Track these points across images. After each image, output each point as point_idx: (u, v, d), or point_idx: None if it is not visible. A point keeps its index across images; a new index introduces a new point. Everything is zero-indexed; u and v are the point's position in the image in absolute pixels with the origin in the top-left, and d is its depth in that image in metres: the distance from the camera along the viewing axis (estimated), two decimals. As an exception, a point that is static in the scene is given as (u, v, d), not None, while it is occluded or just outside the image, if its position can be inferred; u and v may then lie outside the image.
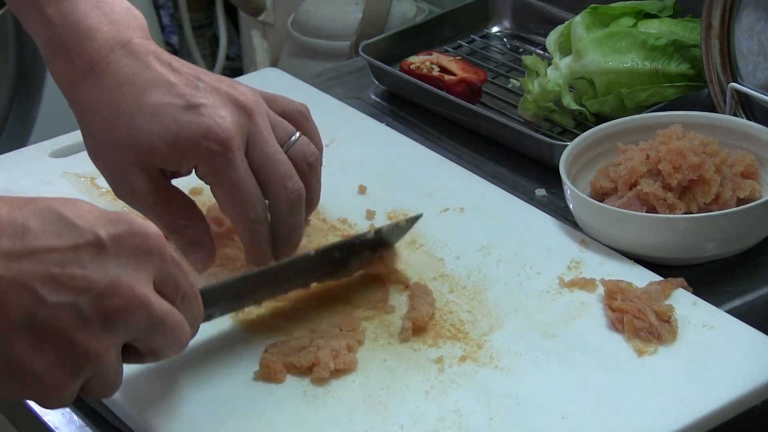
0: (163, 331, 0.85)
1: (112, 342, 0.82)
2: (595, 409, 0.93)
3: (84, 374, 0.82)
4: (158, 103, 1.01)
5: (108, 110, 1.02)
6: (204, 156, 1.00)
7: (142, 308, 0.82)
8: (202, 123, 1.00)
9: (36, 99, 1.86)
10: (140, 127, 1.00)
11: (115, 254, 0.81)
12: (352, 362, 0.98)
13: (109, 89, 1.02)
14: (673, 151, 1.09)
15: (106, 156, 1.03)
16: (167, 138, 1.00)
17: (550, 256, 1.10)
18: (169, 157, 1.01)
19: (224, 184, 1.01)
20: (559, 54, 1.30)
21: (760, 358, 0.97)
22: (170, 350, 0.87)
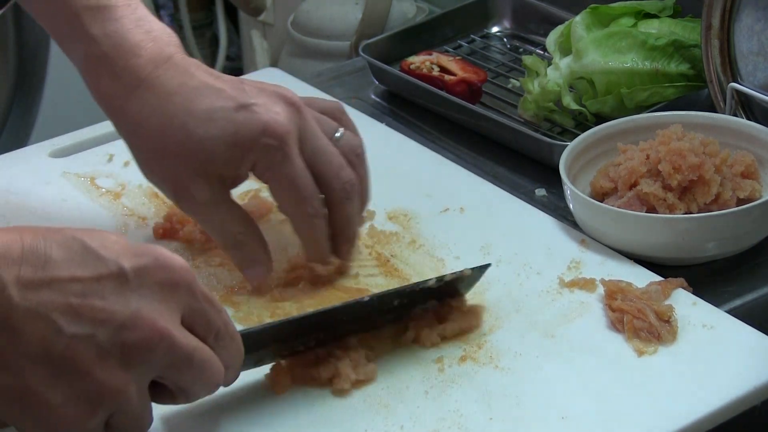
0: (190, 367, 0.82)
1: (132, 377, 0.80)
2: (595, 409, 0.93)
3: (103, 410, 0.80)
4: (211, 107, 1.02)
5: (160, 122, 1.03)
6: (263, 152, 1.01)
7: (163, 342, 0.80)
8: (259, 120, 1.01)
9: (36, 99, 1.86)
10: (197, 135, 1.01)
11: (138, 286, 0.80)
12: (372, 372, 0.97)
13: (158, 102, 1.03)
14: (673, 151, 1.09)
15: (164, 169, 1.04)
16: (226, 140, 1.01)
17: (550, 256, 1.10)
18: (229, 160, 1.02)
19: (283, 179, 1.02)
20: (559, 54, 1.30)
21: (760, 358, 0.97)
22: (201, 389, 0.85)
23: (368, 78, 1.42)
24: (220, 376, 0.86)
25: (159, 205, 1.19)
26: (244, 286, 1.08)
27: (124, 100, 1.04)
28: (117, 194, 1.21)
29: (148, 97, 1.03)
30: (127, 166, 1.26)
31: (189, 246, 1.14)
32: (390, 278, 1.08)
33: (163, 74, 1.04)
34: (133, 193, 1.22)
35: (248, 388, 0.97)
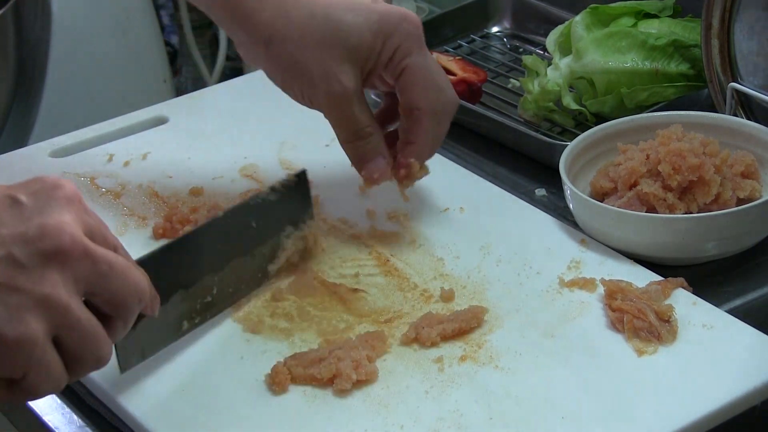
0: (113, 272, 0.83)
1: (57, 281, 0.80)
2: (595, 409, 0.93)
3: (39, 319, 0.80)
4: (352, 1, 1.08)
5: (302, 13, 1.07)
6: (404, 37, 1.08)
7: (77, 245, 0.81)
8: (397, 10, 1.09)
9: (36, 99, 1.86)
10: (344, 22, 1.07)
11: (35, 206, 0.82)
12: (373, 372, 0.97)
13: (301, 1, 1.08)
14: (673, 152, 1.09)
15: (309, 59, 1.07)
16: (371, 27, 1.07)
17: (550, 256, 1.10)
18: (373, 46, 1.08)
19: (421, 68, 1.09)
20: (559, 54, 1.30)
21: (760, 358, 0.97)
22: (132, 298, 0.85)
23: (368, 78, 1.41)
24: (145, 283, 0.86)
25: (159, 205, 1.20)
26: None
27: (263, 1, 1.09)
28: (117, 194, 1.22)
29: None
30: (127, 166, 1.26)
31: (189, 246, 1.14)
32: (390, 278, 1.08)
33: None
34: (133, 193, 1.22)
35: (248, 388, 0.97)
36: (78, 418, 0.99)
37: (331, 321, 1.04)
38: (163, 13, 2.61)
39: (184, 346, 1.01)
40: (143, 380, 0.98)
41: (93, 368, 0.84)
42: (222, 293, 1.03)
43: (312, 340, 1.01)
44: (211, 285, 1.02)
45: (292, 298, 1.06)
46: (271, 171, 1.23)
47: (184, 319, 1.00)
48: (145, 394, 0.97)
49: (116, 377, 0.97)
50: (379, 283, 1.08)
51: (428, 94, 1.09)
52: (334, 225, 1.16)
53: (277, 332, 1.03)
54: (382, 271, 1.09)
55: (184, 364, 1.00)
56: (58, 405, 1.00)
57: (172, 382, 0.98)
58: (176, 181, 1.23)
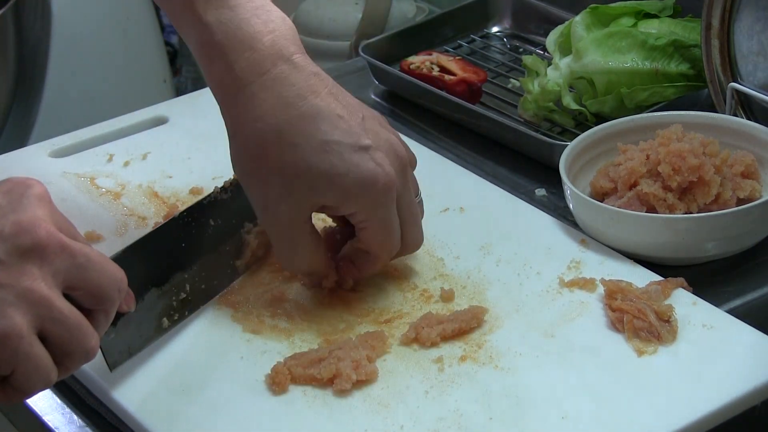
0: (91, 264, 0.83)
1: (36, 275, 0.81)
2: (595, 409, 0.93)
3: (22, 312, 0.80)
4: (327, 140, 0.99)
5: (270, 131, 0.99)
6: (368, 202, 1.00)
7: (53, 239, 0.82)
8: (371, 169, 1.00)
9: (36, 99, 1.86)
10: (307, 161, 0.99)
11: (8, 203, 0.82)
12: (373, 372, 0.97)
13: (272, 108, 0.99)
14: (673, 153, 1.09)
15: (258, 178, 1.01)
16: (334, 178, 0.99)
17: (550, 256, 1.10)
18: (329, 197, 1.00)
19: (378, 227, 1.02)
20: (559, 54, 1.30)
21: (760, 358, 0.97)
22: (111, 289, 0.85)
23: (368, 78, 1.42)
24: (123, 273, 0.86)
25: (159, 205, 1.19)
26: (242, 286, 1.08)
27: (235, 94, 1.00)
28: (117, 194, 1.21)
29: (263, 98, 1.00)
30: (127, 166, 1.26)
31: (189, 246, 1.14)
32: (390, 278, 1.08)
33: (280, 76, 1.00)
34: (133, 193, 1.22)
35: (248, 388, 0.97)
36: (78, 418, 0.99)
37: (331, 321, 1.04)
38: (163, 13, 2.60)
39: (184, 347, 1.01)
40: (143, 380, 0.98)
41: (82, 361, 0.84)
42: (196, 290, 1.04)
43: (312, 340, 1.01)
44: (182, 282, 1.03)
45: (293, 298, 1.06)
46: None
47: (164, 317, 1.01)
48: (145, 393, 0.97)
49: (116, 378, 0.97)
50: (379, 283, 1.08)
51: (380, 245, 1.04)
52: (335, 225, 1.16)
53: (277, 332, 1.03)
54: (382, 271, 1.09)
55: (185, 364, 1.00)
56: (58, 405, 1.00)
57: (172, 382, 0.98)
58: (176, 181, 1.23)
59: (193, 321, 1.04)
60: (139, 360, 1.00)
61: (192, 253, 1.05)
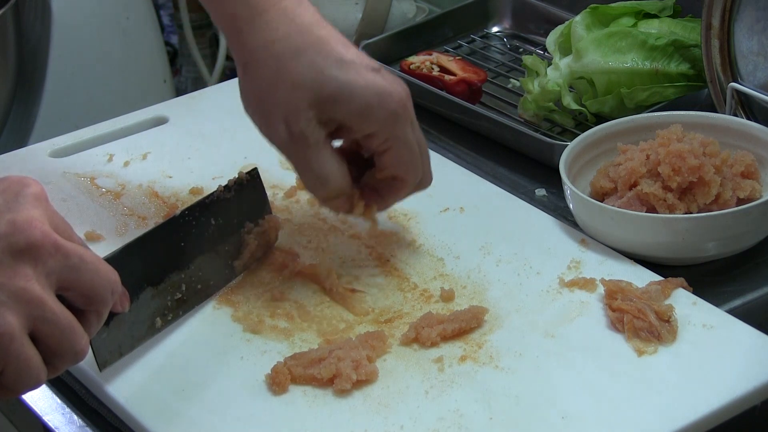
0: (85, 265, 0.83)
1: (30, 274, 0.81)
2: (595, 409, 0.93)
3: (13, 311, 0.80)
4: (343, 57, 1.02)
5: (289, 51, 1.01)
6: (388, 117, 1.02)
7: (47, 239, 0.82)
8: (387, 85, 1.02)
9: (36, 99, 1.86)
10: (327, 73, 1.01)
11: (4, 202, 0.83)
12: (373, 372, 0.97)
13: (287, 32, 1.02)
14: (673, 153, 1.09)
15: (277, 99, 1.01)
16: (354, 89, 1.01)
17: (550, 256, 1.10)
18: (351, 110, 1.01)
19: (401, 147, 1.03)
20: (559, 54, 1.30)
21: (760, 358, 0.97)
22: (104, 290, 0.85)
23: (368, 78, 1.41)
24: (116, 275, 0.86)
25: (159, 205, 1.20)
26: (242, 285, 1.08)
27: (249, 22, 1.03)
28: (117, 194, 1.21)
29: (277, 24, 1.02)
30: (127, 166, 1.26)
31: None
32: (390, 278, 1.08)
33: (292, 5, 1.03)
34: (133, 193, 1.22)
35: (248, 388, 0.97)
36: (78, 418, 0.99)
37: (331, 321, 1.04)
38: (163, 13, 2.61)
39: (184, 347, 1.01)
40: (143, 380, 0.98)
41: (71, 362, 0.85)
42: (191, 290, 1.05)
43: (312, 340, 1.01)
44: (178, 281, 1.03)
45: (293, 298, 1.06)
46: (270, 171, 1.23)
47: (157, 316, 1.01)
48: (145, 393, 0.97)
49: (116, 378, 0.97)
50: (379, 283, 1.08)
51: (412, 168, 1.05)
52: (334, 225, 1.16)
53: (277, 332, 1.03)
54: (383, 271, 1.09)
55: (185, 364, 1.00)
56: (58, 405, 1.00)
57: (172, 382, 0.98)
58: (176, 181, 1.23)
59: (193, 321, 1.04)
60: (139, 360, 1.00)
61: (190, 253, 1.05)
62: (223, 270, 1.08)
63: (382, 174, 1.06)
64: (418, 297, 1.06)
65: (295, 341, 1.02)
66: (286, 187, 1.21)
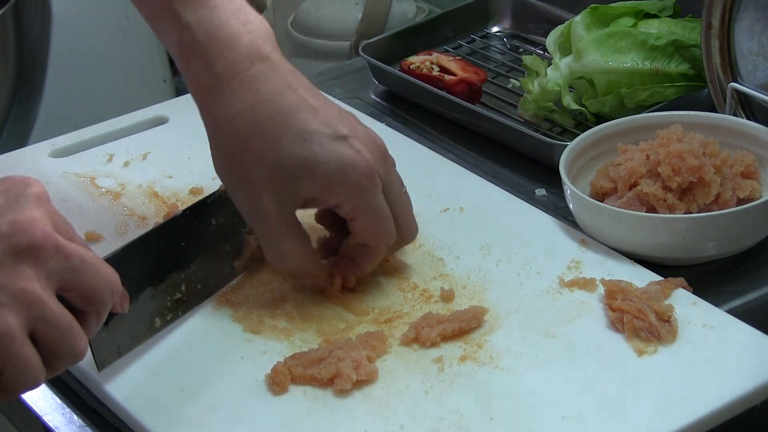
0: (86, 266, 0.83)
1: (31, 275, 0.81)
2: (595, 409, 0.93)
3: (14, 312, 0.80)
4: (307, 129, 1.00)
5: (251, 127, 1.01)
6: (352, 189, 1.01)
7: (49, 240, 0.82)
8: (351, 155, 1.01)
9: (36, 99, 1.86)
10: (288, 151, 1.00)
11: (6, 202, 0.82)
12: (373, 372, 0.97)
13: (250, 104, 1.01)
14: (672, 154, 1.09)
15: (242, 174, 1.02)
16: (317, 166, 1.00)
17: (550, 256, 1.10)
18: (313, 186, 1.01)
19: (370, 215, 1.02)
20: (559, 54, 1.30)
21: (760, 358, 0.97)
22: (104, 291, 0.85)
23: (368, 78, 1.42)
24: (116, 276, 0.86)
25: (159, 205, 1.19)
26: (242, 285, 1.08)
27: (213, 92, 1.02)
28: (117, 194, 1.21)
29: (241, 96, 1.01)
30: (127, 166, 1.26)
31: (189, 246, 1.14)
32: (390, 278, 1.08)
33: (258, 74, 1.01)
34: (133, 193, 1.22)
35: (248, 388, 0.97)
36: (78, 418, 0.99)
37: (331, 321, 1.04)
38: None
39: (184, 347, 1.01)
40: (143, 380, 0.98)
41: (70, 363, 0.85)
42: (191, 290, 1.04)
43: (312, 340, 1.01)
44: (178, 281, 1.03)
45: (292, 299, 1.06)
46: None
47: (156, 316, 1.01)
48: (145, 393, 0.97)
49: (116, 378, 0.97)
50: (379, 283, 1.08)
51: (377, 234, 1.04)
52: (334, 225, 1.16)
53: (277, 332, 1.03)
54: (383, 271, 1.09)
55: (185, 364, 1.00)
56: (58, 405, 1.00)
57: (172, 382, 0.98)
58: (176, 181, 1.23)
59: (193, 321, 1.04)
60: (138, 360, 1.00)
61: (190, 253, 1.05)
62: (223, 270, 1.08)
63: (354, 240, 1.05)
64: (418, 297, 1.06)
65: (295, 341, 1.02)
66: (286, 187, 1.21)
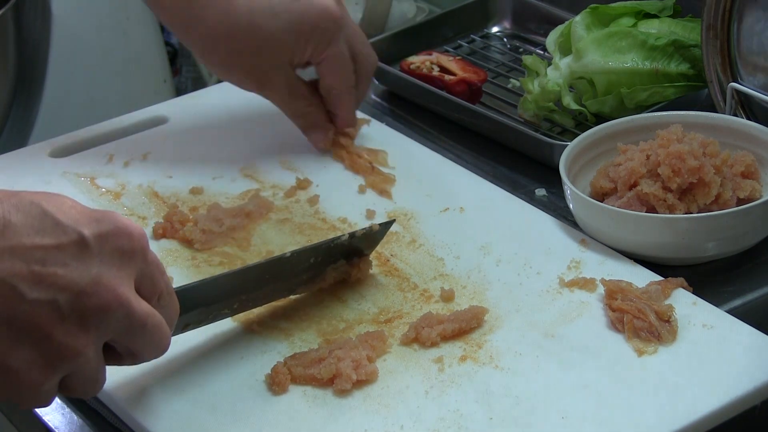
0: (143, 333, 0.84)
1: (90, 340, 0.81)
2: (595, 409, 0.93)
3: (60, 371, 0.81)
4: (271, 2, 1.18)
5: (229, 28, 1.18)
6: (322, 34, 1.19)
7: (121, 308, 0.82)
8: (316, 6, 1.19)
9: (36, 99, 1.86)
10: (266, 30, 1.18)
11: (99, 253, 0.81)
12: (373, 372, 0.97)
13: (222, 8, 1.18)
14: (672, 154, 1.09)
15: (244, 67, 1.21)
16: (292, 29, 1.18)
17: (550, 256, 1.10)
18: (296, 47, 1.19)
19: (335, 56, 1.21)
20: (559, 54, 1.30)
21: (760, 358, 0.97)
22: (150, 353, 0.87)
23: (368, 78, 1.41)
24: (167, 340, 0.87)
25: (159, 205, 1.20)
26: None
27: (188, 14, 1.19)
28: (117, 194, 1.21)
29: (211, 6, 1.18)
30: (127, 166, 1.26)
31: (188, 245, 1.14)
32: (390, 278, 1.08)
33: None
34: (133, 193, 1.22)
35: (248, 388, 0.97)
36: (78, 418, 0.99)
37: (331, 321, 1.04)
38: (163, 13, 2.60)
39: (184, 346, 1.01)
40: (143, 380, 0.98)
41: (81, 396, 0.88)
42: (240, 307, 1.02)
43: (312, 340, 1.01)
44: (234, 303, 1.01)
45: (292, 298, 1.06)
46: (271, 171, 1.23)
47: (190, 323, 0.98)
48: (145, 393, 0.97)
49: (116, 378, 0.97)
50: (379, 283, 1.08)
51: (343, 75, 1.22)
52: (334, 225, 1.16)
53: (277, 332, 1.03)
54: (383, 271, 1.09)
55: (185, 364, 1.00)
56: (58, 405, 1.00)
57: (172, 382, 0.98)
58: (176, 181, 1.23)
59: (193, 321, 1.04)
60: (139, 360, 1.00)
61: (264, 283, 1.02)
62: (282, 292, 1.04)
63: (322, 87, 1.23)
64: (418, 297, 1.06)
65: (295, 341, 1.02)
66: (286, 187, 1.21)
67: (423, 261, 1.10)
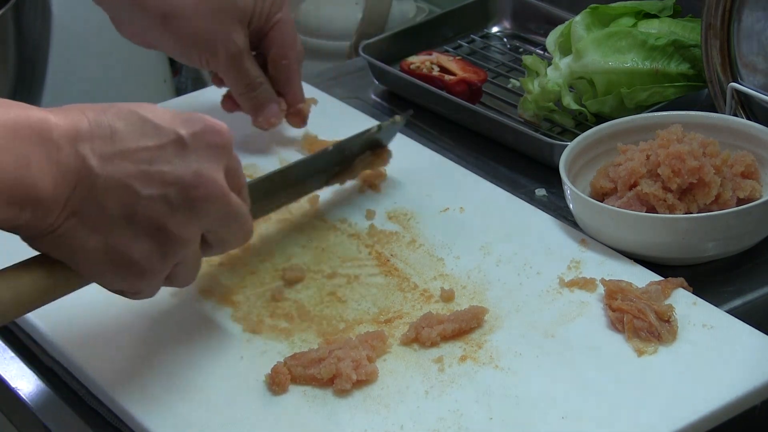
0: (236, 220, 0.93)
1: (197, 228, 0.91)
2: (595, 409, 0.93)
3: (174, 259, 0.90)
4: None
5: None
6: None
7: (223, 197, 0.91)
8: None
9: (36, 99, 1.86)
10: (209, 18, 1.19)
11: (195, 150, 0.90)
12: (373, 372, 0.97)
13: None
14: (672, 155, 1.09)
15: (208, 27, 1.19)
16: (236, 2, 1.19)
17: (550, 256, 1.10)
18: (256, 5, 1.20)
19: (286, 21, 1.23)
20: (559, 54, 1.30)
21: (760, 358, 0.97)
22: (239, 240, 0.96)
23: (368, 78, 1.42)
24: (252, 229, 0.97)
25: (159, 205, 1.19)
26: (242, 285, 1.08)
27: None
28: (117, 194, 1.21)
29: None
30: (127, 166, 1.26)
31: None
32: (390, 278, 1.08)
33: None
34: (133, 193, 1.21)
35: (248, 388, 0.97)
36: (78, 417, 0.99)
37: (331, 321, 1.04)
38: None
39: (184, 346, 1.01)
40: (143, 380, 0.98)
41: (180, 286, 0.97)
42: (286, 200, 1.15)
43: (312, 340, 1.02)
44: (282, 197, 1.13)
45: (292, 298, 1.06)
46: (270, 170, 1.23)
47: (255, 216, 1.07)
48: (145, 393, 0.97)
49: (116, 378, 0.97)
50: (379, 283, 1.08)
51: (294, 45, 1.24)
52: (334, 225, 1.16)
53: (277, 332, 1.03)
54: (383, 271, 1.09)
55: (185, 363, 1.00)
56: (58, 405, 1.00)
57: (172, 382, 0.98)
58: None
59: (194, 321, 1.04)
60: (138, 360, 1.00)
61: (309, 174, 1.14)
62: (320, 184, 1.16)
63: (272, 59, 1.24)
64: (418, 297, 1.06)
65: (295, 341, 1.02)
66: (286, 187, 1.21)
67: (423, 261, 1.10)
